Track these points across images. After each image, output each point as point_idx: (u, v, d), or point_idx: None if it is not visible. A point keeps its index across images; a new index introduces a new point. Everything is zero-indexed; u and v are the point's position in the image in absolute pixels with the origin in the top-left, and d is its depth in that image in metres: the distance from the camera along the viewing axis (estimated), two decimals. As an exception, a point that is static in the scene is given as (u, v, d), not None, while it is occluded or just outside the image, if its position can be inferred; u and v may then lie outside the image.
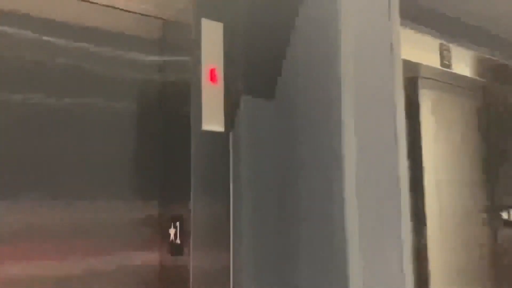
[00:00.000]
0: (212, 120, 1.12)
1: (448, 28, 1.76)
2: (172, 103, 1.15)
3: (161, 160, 1.17)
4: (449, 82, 1.94)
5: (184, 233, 1.09)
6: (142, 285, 1.14)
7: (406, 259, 1.03)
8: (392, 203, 1.05)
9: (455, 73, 1.85)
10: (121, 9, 1.12)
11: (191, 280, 1.06)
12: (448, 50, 1.78)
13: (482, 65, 1.97)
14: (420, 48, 1.70)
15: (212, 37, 1.14)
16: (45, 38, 1.04)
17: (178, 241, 1.11)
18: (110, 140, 1.11)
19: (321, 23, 1.05)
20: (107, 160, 1.11)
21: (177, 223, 1.12)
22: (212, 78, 1.13)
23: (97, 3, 1.09)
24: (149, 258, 1.16)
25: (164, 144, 1.16)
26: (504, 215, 2.06)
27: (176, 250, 1.11)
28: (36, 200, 1.00)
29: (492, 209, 2.06)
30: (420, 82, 1.83)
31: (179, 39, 1.16)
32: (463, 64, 1.88)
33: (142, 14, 1.15)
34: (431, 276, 1.73)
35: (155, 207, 1.17)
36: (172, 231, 1.13)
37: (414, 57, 1.69)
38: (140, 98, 1.17)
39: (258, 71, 1.17)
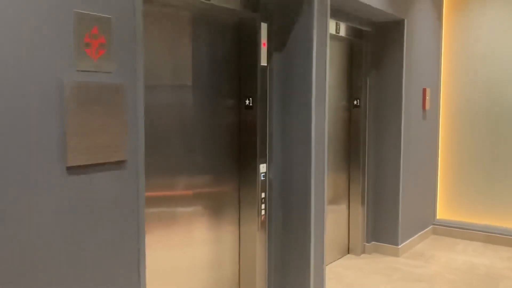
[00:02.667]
0: (264, 60, 3.09)
1: (339, 15, 3.85)
2: (248, 54, 3.07)
3: (241, 75, 3.11)
4: (334, 40, 4.10)
5: (253, 102, 3.09)
6: (227, 124, 3.13)
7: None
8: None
9: (341, 35, 3.99)
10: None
11: (257, 123, 3.08)
12: (339, 25, 3.90)
13: (352, 31, 4.13)
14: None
15: (264, 29, 3.07)
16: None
17: (250, 104, 3.11)
18: (219, 58, 3.03)
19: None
20: (215, 62, 3.03)
21: (250, 98, 3.11)
22: (263, 45, 3.08)
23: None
24: (235, 111, 3.14)
25: (245, 66, 3.10)
26: (355, 103, 4.39)
27: (249, 107, 3.12)
28: (174, 85, 2.91)
29: (349, 99, 4.37)
30: (325, 39, 3.95)
31: (251, 28, 3.05)
32: (344, 31, 4.02)
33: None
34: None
35: (238, 92, 3.14)
36: (247, 101, 3.12)
37: (325, 29, 3.78)
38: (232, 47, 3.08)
39: (278, 44, 3.15)
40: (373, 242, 4.54)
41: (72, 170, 1.73)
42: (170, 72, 2.67)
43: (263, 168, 3.16)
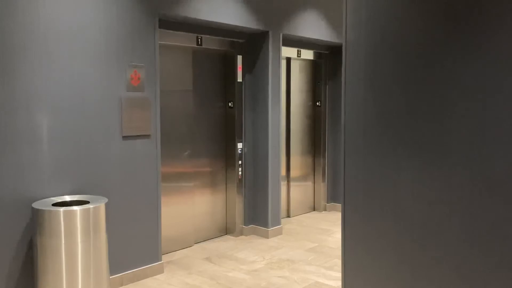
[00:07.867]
0: (240, 78, 5.00)
1: (297, 44, 5.68)
2: (230, 74, 4.98)
3: (226, 87, 5.02)
4: (300, 60, 5.95)
5: (233, 104, 4.99)
6: (218, 117, 5.05)
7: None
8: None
9: (302, 58, 5.84)
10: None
11: (236, 118, 4.98)
12: (300, 51, 5.74)
13: (313, 54, 5.95)
14: (291, 52, 5.64)
15: (239, 59, 4.97)
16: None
17: (232, 105, 5.01)
18: (216, 70, 4.96)
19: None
20: (209, 79, 4.96)
21: (231, 101, 5.01)
22: (239, 69, 4.99)
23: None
24: (222, 110, 5.06)
25: (228, 81, 5.00)
26: (317, 104, 6.20)
27: (232, 108, 5.02)
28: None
29: (313, 101, 6.19)
30: (291, 60, 5.80)
31: (231, 58, 4.96)
32: (306, 54, 5.86)
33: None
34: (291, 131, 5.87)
35: (225, 98, 5.05)
36: (230, 103, 5.03)
37: (289, 54, 5.63)
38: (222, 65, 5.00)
39: (248, 68, 5.05)
40: (332, 203, 6.34)
41: (125, 137, 3.71)
42: (181, 83, 4.62)
43: (240, 145, 5.06)
